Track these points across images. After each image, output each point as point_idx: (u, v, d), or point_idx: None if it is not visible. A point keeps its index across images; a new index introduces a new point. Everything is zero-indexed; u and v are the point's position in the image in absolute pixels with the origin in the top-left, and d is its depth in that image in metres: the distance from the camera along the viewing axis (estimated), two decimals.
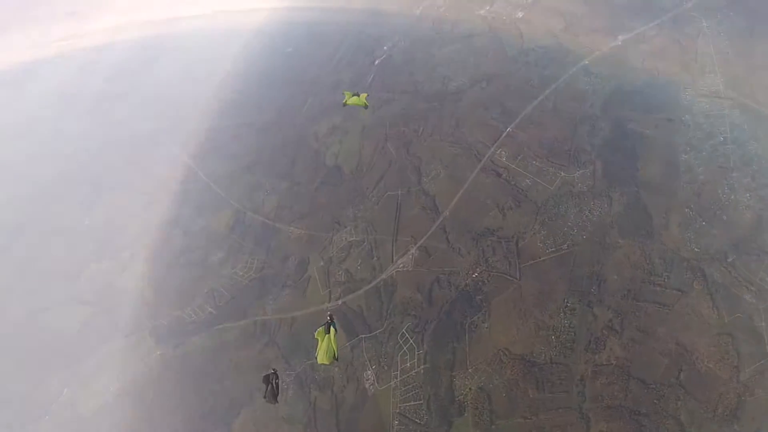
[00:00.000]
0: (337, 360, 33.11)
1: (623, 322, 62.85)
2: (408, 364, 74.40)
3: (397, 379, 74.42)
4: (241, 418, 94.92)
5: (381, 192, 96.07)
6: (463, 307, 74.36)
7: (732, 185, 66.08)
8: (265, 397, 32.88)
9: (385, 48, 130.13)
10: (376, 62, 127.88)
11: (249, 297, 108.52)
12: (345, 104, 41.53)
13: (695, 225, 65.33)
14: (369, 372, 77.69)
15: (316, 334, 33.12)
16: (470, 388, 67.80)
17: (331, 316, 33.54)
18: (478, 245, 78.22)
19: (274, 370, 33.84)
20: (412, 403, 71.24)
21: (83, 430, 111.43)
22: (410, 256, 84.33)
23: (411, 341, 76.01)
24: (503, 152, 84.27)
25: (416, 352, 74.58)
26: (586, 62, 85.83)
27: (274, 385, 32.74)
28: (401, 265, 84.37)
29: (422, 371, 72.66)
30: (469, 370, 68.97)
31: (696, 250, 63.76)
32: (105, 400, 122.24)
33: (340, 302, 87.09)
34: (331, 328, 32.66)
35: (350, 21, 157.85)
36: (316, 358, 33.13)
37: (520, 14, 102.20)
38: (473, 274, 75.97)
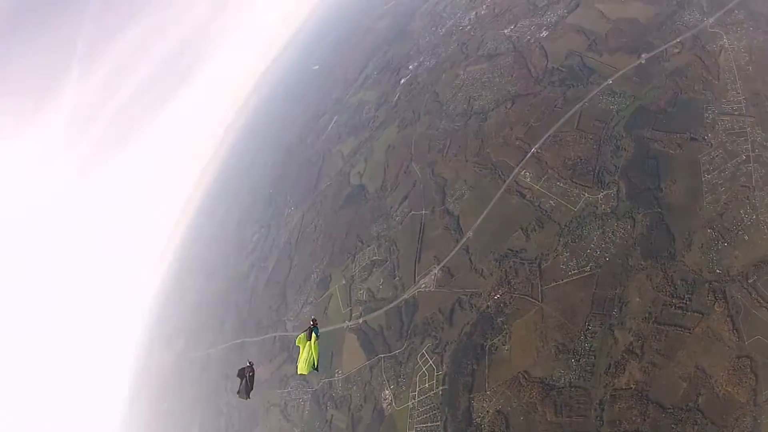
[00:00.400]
0: (317, 369, 31.41)
1: (644, 345, 61.92)
2: (426, 385, 74.44)
3: (415, 399, 74.55)
4: None
5: (405, 211, 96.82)
6: (484, 328, 74.24)
7: (754, 204, 64.70)
8: (238, 392, 32.09)
9: (410, 67, 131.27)
10: (402, 81, 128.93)
11: (269, 312, 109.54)
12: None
13: (717, 246, 64.14)
14: (387, 392, 77.87)
15: (297, 341, 31.82)
16: (488, 411, 67.49)
17: (314, 320, 32.32)
18: (500, 266, 78.16)
19: (250, 363, 33.19)
20: (429, 424, 71.14)
21: None
22: (432, 277, 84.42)
23: (430, 362, 76.03)
24: (528, 173, 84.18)
25: (435, 373, 74.61)
26: (610, 81, 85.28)
27: (248, 378, 32.07)
28: (423, 286, 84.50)
29: (441, 392, 72.59)
30: (488, 393, 68.64)
31: (718, 271, 62.57)
32: (116, 410, 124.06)
33: (360, 321, 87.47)
34: (313, 334, 31.38)
35: (377, 39, 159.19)
36: (296, 367, 31.80)
37: (544, 33, 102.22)
38: (495, 295, 75.82)
